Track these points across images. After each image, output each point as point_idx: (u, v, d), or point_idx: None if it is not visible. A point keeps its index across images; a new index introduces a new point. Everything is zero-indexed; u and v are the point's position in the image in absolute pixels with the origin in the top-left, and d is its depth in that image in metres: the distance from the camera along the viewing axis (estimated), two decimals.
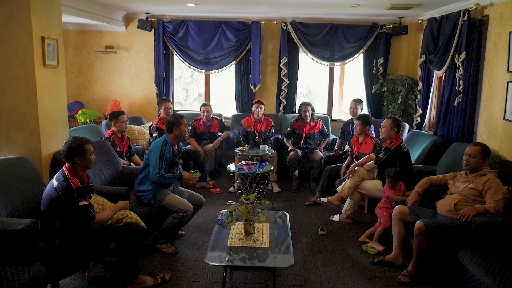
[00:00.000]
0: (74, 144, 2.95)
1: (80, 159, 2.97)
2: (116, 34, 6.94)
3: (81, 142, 2.98)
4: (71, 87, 6.84)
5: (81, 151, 2.96)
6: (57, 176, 2.96)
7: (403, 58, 6.79)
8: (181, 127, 3.92)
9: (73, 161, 2.96)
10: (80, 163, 2.98)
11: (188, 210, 3.80)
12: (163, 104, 5.88)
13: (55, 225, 2.88)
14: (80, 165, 2.99)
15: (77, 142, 2.98)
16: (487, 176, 3.36)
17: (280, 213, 3.85)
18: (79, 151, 2.95)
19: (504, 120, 4.05)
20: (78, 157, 2.96)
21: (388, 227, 4.10)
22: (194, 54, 6.84)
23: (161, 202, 3.83)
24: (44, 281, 2.66)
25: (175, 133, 3.91)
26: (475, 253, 2.89)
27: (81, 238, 2.93)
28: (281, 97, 6.82)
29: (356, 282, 3.41)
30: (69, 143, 2.96)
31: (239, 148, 5.44)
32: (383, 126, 4.48)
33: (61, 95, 4.19)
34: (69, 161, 2.97)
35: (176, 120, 3.92)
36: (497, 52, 4.29)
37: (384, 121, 4.52)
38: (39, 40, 3.72)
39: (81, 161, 2.98)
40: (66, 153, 2.96)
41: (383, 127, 4.47)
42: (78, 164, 2.98)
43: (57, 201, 2.87)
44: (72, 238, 2.91)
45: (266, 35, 6.78)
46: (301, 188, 5.92)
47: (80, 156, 2.96)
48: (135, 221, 3.23)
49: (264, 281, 3.40)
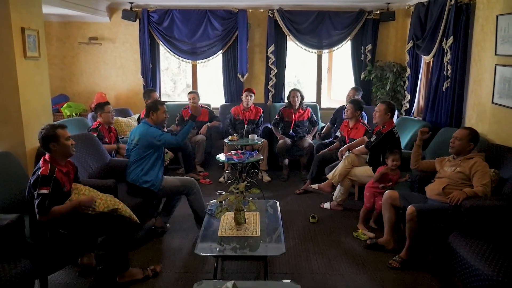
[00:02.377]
0: (47, 131, 2.88)
1: (55, 145, 2.88)
2: (100, 25, 6.80)
3: (53, 128, 2.90)
4: (56, 80, 6.72)
5: (54, 137, 2.87)
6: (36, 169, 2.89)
7: (391, 44, 6.78)
8: (158, 113, 3.89)
9: (49, 148, 2.88)
10: (56, 149, 2.89)
11: (194, 183, 3.96)
12: (151, 95, 5.80)
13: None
14: (57, 152, 2.90)
15: (49, 128, 2.90)
16: (474, 160, 3.36)
17: (271, 202, 3.83)
18: (52, 137, 2.86)
19: (492, 103, 4.05)
20: (53, 144, 2.87)
21: (369, 208, 4.12)
22: (180, 44, 6.74)
23: (166, 187, 3.88)
24: (32, 277, 2.61)
25: (151, 117, 3.89)
26: (465, 237, 2.91)
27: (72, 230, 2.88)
28: (270, 86, 6.77)
29: (347, 268, 3.42)
30: (43, 131, 2.88)
31: (228, 138, 5.40)
32: (377, 111, 4.41)
33: (44, 88, 4.10)
34: (46, 149, 2.89)
35: (154, 106, 3.90)
36: (485, 35, 4.28)
37: (378, 106, 4.46)
38: (19, 31, 3.63)
39: (56, 147, 2.88)
40: (41, 142, 2.88)
41: (377, 112, 4.41)
42: (55, 152, 2.89)
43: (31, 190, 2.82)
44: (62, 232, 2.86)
45: (253, 23, 6.71)
46: (292, 177, 5.91)
47: (55, 142, 2.87)
48: (128, 215, 3.20)
49: (255, 270, 3.39)
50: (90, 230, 3.00)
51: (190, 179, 4.05)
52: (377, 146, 4.34)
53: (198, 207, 3.94)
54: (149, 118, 3.90)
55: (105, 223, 3.05)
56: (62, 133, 2.92)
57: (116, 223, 3.09)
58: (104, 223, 3.05)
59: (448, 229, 3.11)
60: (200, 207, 3.94)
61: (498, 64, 3.97)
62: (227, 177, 5.45)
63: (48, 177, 2.78)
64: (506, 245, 2.74)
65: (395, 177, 4.09)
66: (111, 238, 3.04)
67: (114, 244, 3.06)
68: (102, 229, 3.04)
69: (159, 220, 4.08)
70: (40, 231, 2.82)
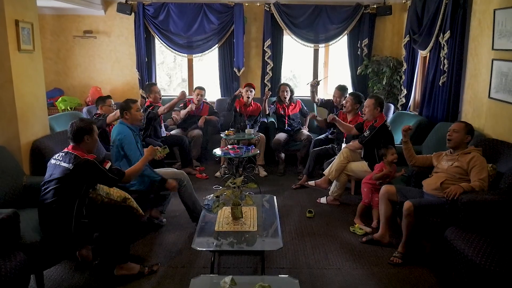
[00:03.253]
0: (85, 124, 3.00)
1: (89, 138, 2.99)
2: (94, 18, 6.73)
3: (89, 122, 3.06)
4: (50, 73, 6.65)
5: (90, 131, 3.00)
6: (63, 159, 2.90)
7: (388, 39, 6.76)
8: (131, 111, 3.81)
9: (82, 139, 2.96)
10: (88, 142, 3.00)
11: (185, 175, 3.93)
12: (151, 89, 5.70)
13: (71, 209, 2.85)
14: (88, 144, 3.01)
15: (87, 122, 3.05)
16: (472, 154, 3.36)
17: (268, 197, 3.82)
18: (89, 130, 2.99)
19: (489, 98, 4.05)
20: (87, 136, 2.98)
21: (367, 203, 4.12)
22: (176, 38, 6.69)
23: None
24: (28, 271, 2.59)
25: (125, 117, 3.82)
26: (462, 231, 2.91)
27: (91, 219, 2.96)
28: (266, 80, 6.74)
29: (344, 262, 3.42)
30: (79, 123, 2.98)
31: (225, 132, 5.38)
32: (366, 106, 4.41)
33: (39, 81, 4.05)
34: (77, 140, 2.96)
35: (126, 105, 3.83)
36: (482, 30, 4.28)
37: (366, 101, 4.46)
38: (13, 23, 3.57)
39: (89, 140, 3.00)
40: (76, 132, 2.95)
41: (366, 107, 4.41)
42: (86, 144, 2.99)
43: (79, 178, 2.86)
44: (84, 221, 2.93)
45: (249, 17, 6.66)
46: (288, 172, 5.90)
47: (89, 135, 2.99)
48: (135, 207, 3.28)
49: (252, 265, 3.38)
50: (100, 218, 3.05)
51: (179, 172, 4.01)
52: (371, 141, 4.34)
53: (189, 200, 3.89)
54: (123, 118, 3.83)
55: (114, 212, 3.14)
56: (95, 129, 3.08)
57: (123, 213, 3.17)
58: (113, 212, 3.13)
59: (445, 224, 3.11)
60: (191, 201, 3.90)
61: (495, 58, 3.96)
62: (223, 172, 5.44)
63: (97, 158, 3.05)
64: (503, 239, 2.75)
65: (392, 173, 4.09)
66: (117, 228, 3.05)
67: (119, 234, 3.07)
68: (111, 218, 3.08)
69: (154, 211, 4.06)
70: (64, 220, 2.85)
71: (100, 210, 3.11)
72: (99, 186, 3.19)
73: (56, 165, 2.90)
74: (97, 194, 3.17)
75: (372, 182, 4.10)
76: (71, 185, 2.84)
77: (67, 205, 2.85)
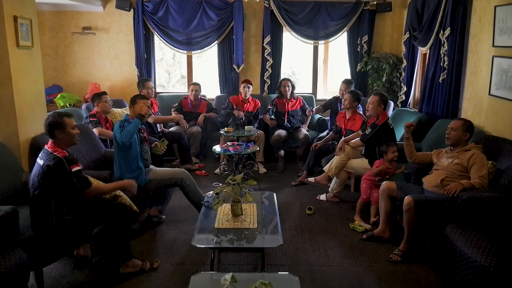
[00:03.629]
0: (54, 118, 2.89)
1: (61, 133, 2.89)
2: (93, 15, 6.69)
3: (60, 116, 2.92)
4: (49, 70, 6.63)
5: (61, 125, 2.88)
6: (41, 156, 2.88)
7: (387, 36, 6.74)
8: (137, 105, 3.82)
9: (54, 135, 2.88)
10: (61, 137, 2.90)
11: (186, 174, 3.90)
12: (145, 84, 5.73)
13: (50, 206, 2.81)
14: (63, 139, 2.91)
15: (57, 116, 2.92)
16: (472, 151, 3.36)
17: (267, 194, 3.82)
18: (59, 125, 2.88)
19: (489, 95, 4.05)
20: (58, 131, 2.88)
21: (365, 200, 4.12)
22: (175, 34, 6.67)
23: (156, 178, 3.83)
24: (27, 268, 2.58)
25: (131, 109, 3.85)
26: (462, 228, 2.91)
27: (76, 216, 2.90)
28: (265, 77, 6.73)
29: (344, 260, 3.42)
30: (49, 118, 2.90)
31: (224, 129, 5.37)
32: (370, 103, 4.39)
33: (38, 78, 4.03)
34: (51, 136, 2.89)
35: (132, 99, 3.86)
36: (482, 27, 4.26)
37: (371, 98, 4.44)
38: (11, 19, 3.55)
39: (61, 135, 2.89)
40: (47, 128, 2.88)
41: (370, 104, 4.39)
42: (60, 139, 2.90)
43: (48, 177, 2.79)
44: (68, 218, 2.87)
45: (248, 13, 6.64)
46: (288, 169, 5.90)
47: (60, 130, 2.88)
48: (129, 203, 3.24)
49: (252, 262, 3.38)
50: (92, 217, 3.00)
51: (181, 171, 3.99)
52: (372, 138, 4.34)
53: (194, 197, 3.90)
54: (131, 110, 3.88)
55: (106, 211, 3.08)
56: (68, 122, 2.93)
57: (116, 212, 3.11)
58: (105, 211, 3.07)
59: (445, 221, 3.12)
60: (196, 197, 3.89)
61: (495, 55, 3.96)
62: (223, 169, 5.43)
63: (70, 157, 2.87)
64: (503, 236, 2.75)
65: (391, 170, 4.08)
66: (112, 227, 3.02)
67: (115, 233, 3.03)
68: (103, 217, 3.04)
69: (153, 209, 4.05)
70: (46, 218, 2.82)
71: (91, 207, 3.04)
72: None
73: (37, 162, 2.90)
74: None
75: (371, 178, 4.10)
76: (43, 184, 2.81)
77: (45, 202, 2.81)
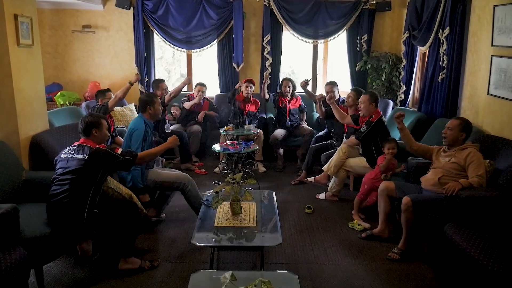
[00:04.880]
0: (92, 118, 3.14)
1: (97, 131, 3.11)
2: (93, 13, 6.69)
3: (98, 117, 3.20)
4: (49, 68, 6.62)
5: (97, 124, 3.12)
6: (77, 151, 2.99)
7: (387, 35, 6.75)
8: (155, 106, 3.87)
9: (90, 133, 3.08)
10: (97, 135, 3.11)
11: (189, 179, 3.87)
12: (159, 86, 5.77)
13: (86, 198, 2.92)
14: (97, 137, 3.12)
15: (95, 116, 3.21)
16: (468, 150, 3.37)
17: (267, 192, 3.83)
18: (95, 124, 3.11)
19: (488, 95, 4.06)
20: (95, 130, 3.10)
21: (364, 198, 4.13)
22: (175, 33, 6.67)
23: (157, 181, 3.83)
24: (28, 266, 2.59)
25: (149, 112, 3.86)
26: (460, 227, 2.92)
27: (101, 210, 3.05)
28: None
29: (344, 258, 3.44)
30: (87, 117, 3.14)
31: (224, 128, 5.38)
32: (362, 102, 4.46)
33: (38, 76, 4.03)
34: (87, 133, 3.09)
35: (150, 99, 3.89)
36: (481, 26, 4.28)
37: (362, 97, 4.51)
38: (12, 17, 3.55)
39: (98, 133, 3.11)
40: (85, 126, 3.08)
41: (362, 103, 4.46)
42: (95, 137, 3.10)
43: (94, 163, 2.94)
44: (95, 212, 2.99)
45: (248, 12, 6.64)
46: (287, 167, 5.91)
47: (97, 129, 3.11)
48: (140, 207, 3.35)
49: (251, 260, 3.40)
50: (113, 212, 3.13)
51: (185, 176, 3.92)
52: (368, 136, 4.37)
53: (195, 202, 3.85)
54: (146, 113, 3.87)
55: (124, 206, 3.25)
56: (104, 123, 3.19)
57: (132, 209, 3.25)
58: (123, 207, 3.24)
59: (443, 220, 3.13)
60: (197, 203, 3.84)
61: (494, 55, 3.97)
62: (222, 167, 5.44)
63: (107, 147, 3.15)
64: (501, 235, 2.76)
65: (393, 165, 4.09)
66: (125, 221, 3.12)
67: (126, 228, 3.13)
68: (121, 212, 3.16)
69: (151, 210, 4.04)
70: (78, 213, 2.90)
71: (109, 203, 3.20)
72: (110, 180, 3.27)
73: (68, 158, 2.96)
74: (107, 187, 3.23)
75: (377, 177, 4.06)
76: (87, 175, 2.93)
77: (82, 195, 2.92)
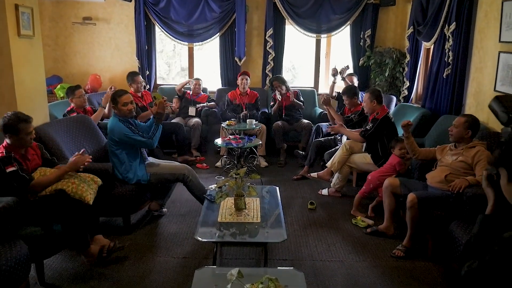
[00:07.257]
0: (9, 121, 2.78)
1: (12, 136, 2.81)
2: (94, 5, 6.62)
3: (16, 121, 2.79)
4: (49, 60, 6.54)
5: (14, 130, 2.79)
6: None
7: (391, 30, 6.69)
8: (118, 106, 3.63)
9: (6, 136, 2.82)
10: (13, 140, 2.83)
11: (189, 169, 3.83)
12: (134, 79, 5.61)
13: None
14: (14, 142, 2.84)
15: (13, 119, 2.80)
16: (476, 148, 3.33)
17: (270, 188, 3.79)
18: (12, 130, 2.79)
19: (495, 91, 4.01)
20: (10, 135, 2.80)
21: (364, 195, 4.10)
22: (177, 26, 6.61)
23: (158, 173, 3.77)
24: (28, 260, 2.55)
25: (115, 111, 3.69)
26: (467, 225, 2.89)
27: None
28: (267, 70, 6.67)
29: (347, 255, 3.40)
30: (5, 119, 2.80)
31: (226, 123, 5.33)
32: (364, 101, 4.44)
33: (39, 67, 3.99)
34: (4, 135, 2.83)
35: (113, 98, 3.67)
36: (488, 22, 4.22)
37: (364, 96, 4.48)
38: (13, 8, 3.50)
39: (12, 139, 2.82)
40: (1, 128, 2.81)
41: (364, 102, 4.43)
42: (12, 141, 2.83)
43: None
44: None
45: (251, 6, 6.58)
46: (289, 163, 5.87)
47: (13, 134, 2.80)
48: (78, 197, 2.98)
49: (255, 256, 3.37)
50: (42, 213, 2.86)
51: (183, 166, 3.91)
52: (374, 133, 4.31)
53: (197, 191, 3.83)
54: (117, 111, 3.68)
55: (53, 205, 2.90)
56: (23, 128, 2.82)
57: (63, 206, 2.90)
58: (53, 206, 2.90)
59: (449, 217, 3.09)
60: (199, 191, 3.83)
61: (502, 51, 3.92)
62: (224, 162, 5.40)
63: (6, 157, 2.74)
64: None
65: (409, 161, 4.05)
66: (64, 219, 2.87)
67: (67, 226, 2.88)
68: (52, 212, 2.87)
69: (153, 203, 4.02)
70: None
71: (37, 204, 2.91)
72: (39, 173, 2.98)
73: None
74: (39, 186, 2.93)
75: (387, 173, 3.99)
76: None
77: None
